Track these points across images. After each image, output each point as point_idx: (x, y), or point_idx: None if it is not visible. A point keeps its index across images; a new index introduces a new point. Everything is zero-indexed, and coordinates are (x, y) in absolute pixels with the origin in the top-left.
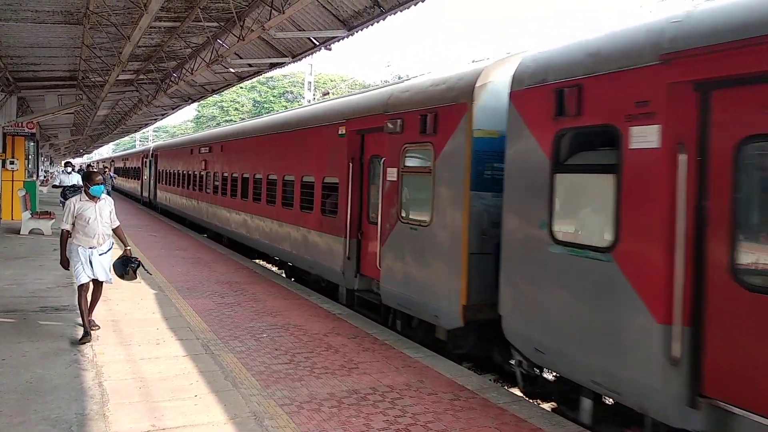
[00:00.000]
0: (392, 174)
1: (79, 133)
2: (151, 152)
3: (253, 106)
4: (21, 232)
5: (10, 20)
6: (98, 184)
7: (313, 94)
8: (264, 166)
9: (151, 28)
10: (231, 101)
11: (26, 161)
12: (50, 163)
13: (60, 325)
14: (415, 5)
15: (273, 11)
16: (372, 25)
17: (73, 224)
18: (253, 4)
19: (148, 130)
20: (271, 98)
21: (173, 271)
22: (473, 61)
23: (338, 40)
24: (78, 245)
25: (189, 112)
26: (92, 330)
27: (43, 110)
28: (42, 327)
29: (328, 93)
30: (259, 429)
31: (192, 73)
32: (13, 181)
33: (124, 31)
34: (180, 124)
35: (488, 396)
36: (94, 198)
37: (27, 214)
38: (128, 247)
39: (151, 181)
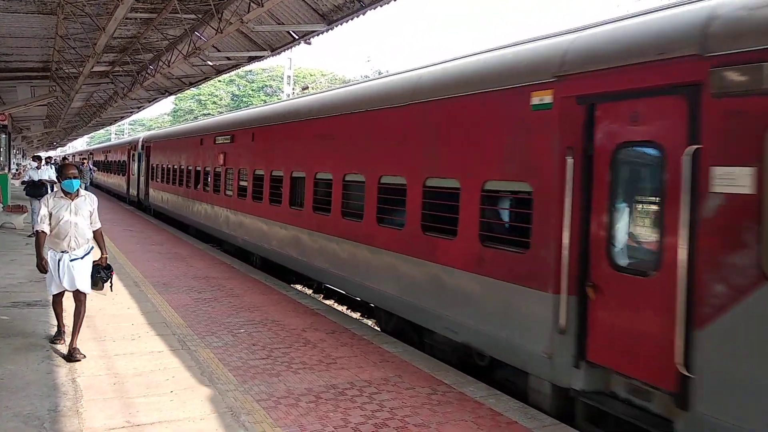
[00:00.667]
0: (733, 179)
1: (52, 126)
2: (141, 143)
3: (232, 99)
4: None
5: None
6: (71, 177)
7: (293, 89)
8: (336, 163)
9: (126, 19)
10: (209, 95)
11: None
12: (22, 156)
13: (32, 320)
14: (395, 0)
15: (252, 4)
16: (352, 19)
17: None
18: None
19: (124, 123)
20: (250, 92)
21: (149, 267)
22: None
23: (318, 34)
24: (49, 248)
25: (166, 105)
26: (78, 357)
27: (15, 102)
28: (14, 323)
29: (307, 87)
30: (235, 424)
31: (169, 66)
32: None
33: (99, 21)
34: (157, 117)
35: (465, 390)
36: (69, 194)
37: None
38: (105, 255)
39: (141, 178)
